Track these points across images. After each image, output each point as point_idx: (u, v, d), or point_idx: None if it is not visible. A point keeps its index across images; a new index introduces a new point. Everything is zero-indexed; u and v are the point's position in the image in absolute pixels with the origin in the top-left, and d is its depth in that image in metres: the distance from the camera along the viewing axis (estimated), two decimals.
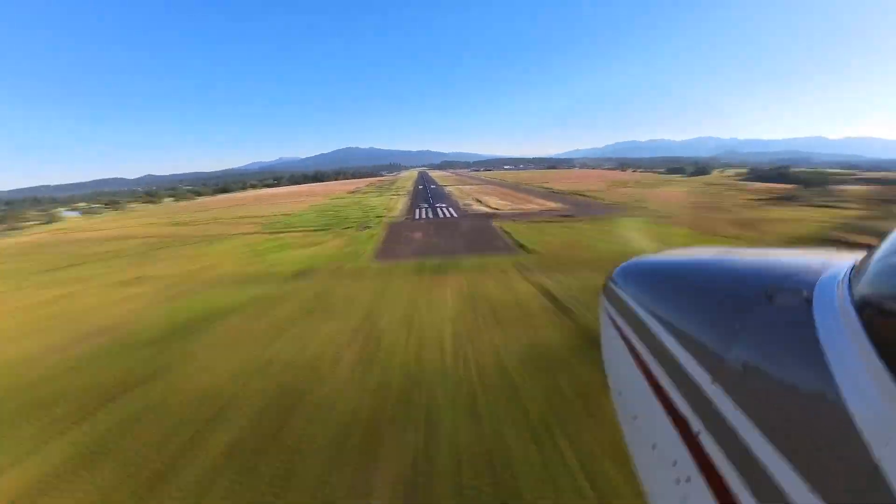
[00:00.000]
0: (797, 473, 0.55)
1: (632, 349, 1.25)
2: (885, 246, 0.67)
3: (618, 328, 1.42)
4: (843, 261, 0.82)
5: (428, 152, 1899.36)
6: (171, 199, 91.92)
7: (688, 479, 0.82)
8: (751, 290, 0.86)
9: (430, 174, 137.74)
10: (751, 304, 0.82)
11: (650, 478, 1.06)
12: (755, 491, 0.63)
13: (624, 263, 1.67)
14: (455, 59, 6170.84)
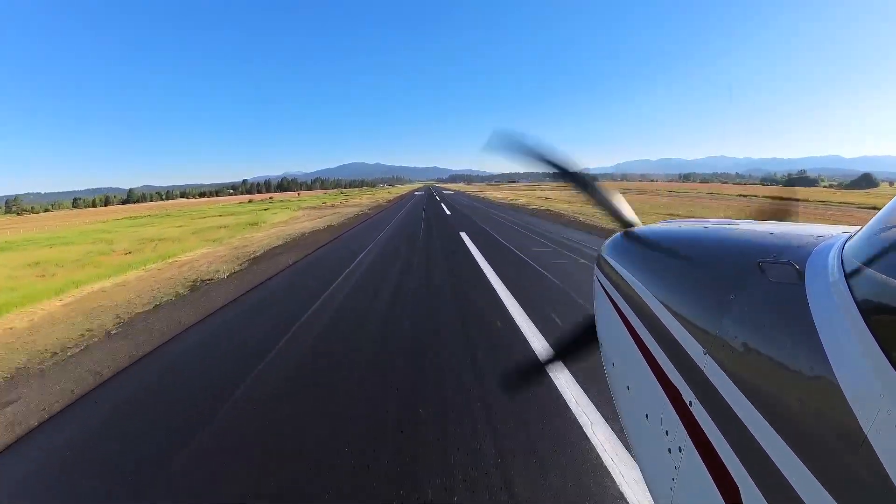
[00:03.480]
0: (786, 444, 0.58)
1: (624, 320, 1.26)
2: (879, 220, 0.66)
3: (611, 299, 1.42)
4: (837, 235, 0.81)
5: (436, 168, 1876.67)
6: None
7: (679, 449, 0.85)
8: (743, 262, 0.86)
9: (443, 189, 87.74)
10: (742, 276, 0.82)
11: (643, 447, 1.10)
12: (745, 460, 0.66)
13: (617, 234, 1.65)
14: (465, 77, 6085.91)
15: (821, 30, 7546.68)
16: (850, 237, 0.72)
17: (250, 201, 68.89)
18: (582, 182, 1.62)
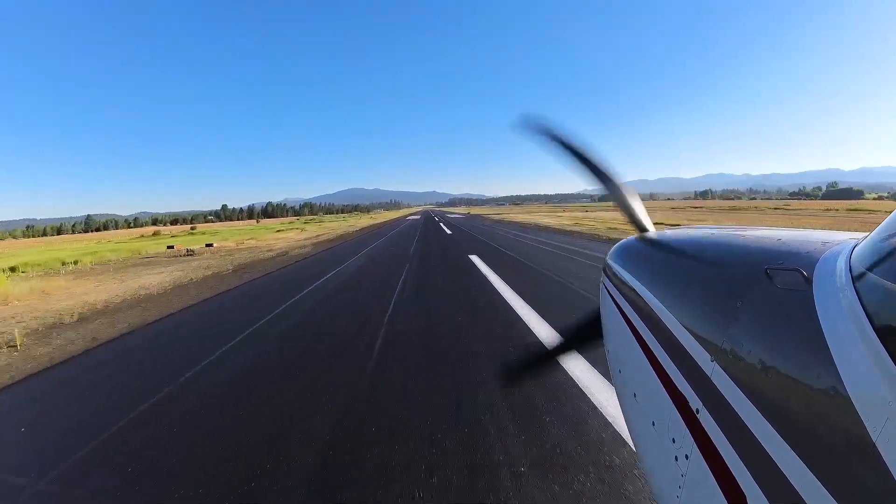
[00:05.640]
0: (794, 451, 0.57)
1: (631, 326, 1.26)
2: (887, 227, 0.65)
3: (617, 305, 1.43)
4: (844, 241, 0.80)
5: (434, 193, 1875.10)
6: None
7: (686, 456, 0.83)
8: (750, 269, 0.84)
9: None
10: (750, 282, 0.81)
11: (649, 455, 1.09)
12: (752, 468, 0.65)
13: (623, 240, 1.68)
14: (463, 103, 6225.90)
15: (815, 43, 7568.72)
16: (857, 244, 0.71)
17: (172, 235, 45.65)
18: (606, 179, 1.64)
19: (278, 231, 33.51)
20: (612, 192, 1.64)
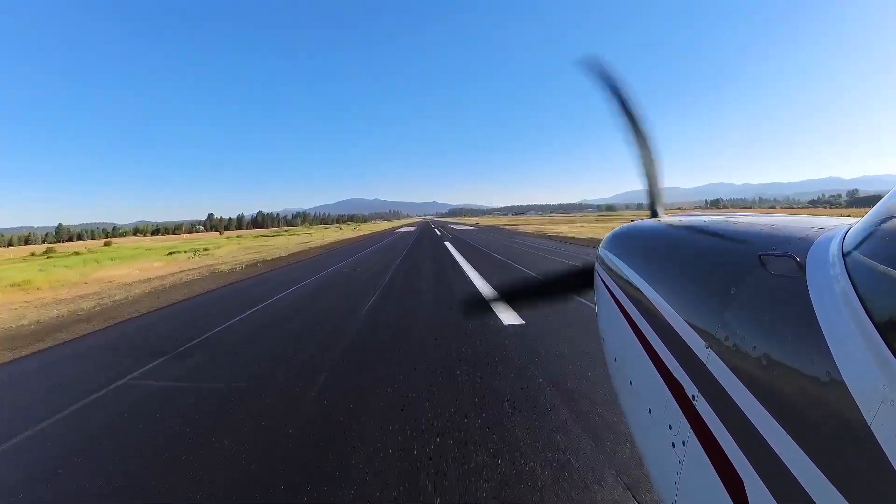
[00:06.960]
0: (790, 436, 0.58)
1: (626, 315, 1.28)
2: (879, 211, 0.65)
3: (612, 294, 1.45)
4: (837, 226, 0.81)
5: (434, 203, 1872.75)
6: None
7: (683, 443, 0.84)
8: (744, 256, 0.86)
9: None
10: (744, 269, 0.82)
11: (646, 442, 1.10)
12: (749, 453, 0.66)
13: (617, 228, 1.70)
14: (463, 113, 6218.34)
15: (815, 47, 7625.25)
16: (850, 228, 0.72)
17: (47, 257, 32.72)
18: (644, 144, 1.57)
19: (184, 252, 20.95)
20: (644, 159, 1.56)
